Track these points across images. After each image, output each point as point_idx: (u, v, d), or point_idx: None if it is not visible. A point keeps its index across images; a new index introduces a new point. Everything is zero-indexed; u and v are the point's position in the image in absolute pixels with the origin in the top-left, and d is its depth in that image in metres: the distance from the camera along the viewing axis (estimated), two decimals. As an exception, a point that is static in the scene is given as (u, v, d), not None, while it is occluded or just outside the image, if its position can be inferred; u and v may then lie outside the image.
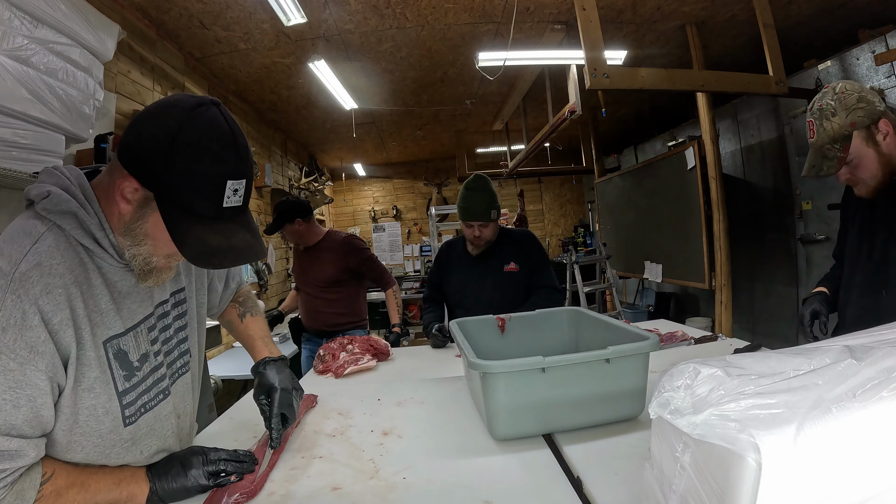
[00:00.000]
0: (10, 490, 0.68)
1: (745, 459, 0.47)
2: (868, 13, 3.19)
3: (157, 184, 0.71)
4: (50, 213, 0.73)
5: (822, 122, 1.20)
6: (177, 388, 0.94)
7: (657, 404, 0.60)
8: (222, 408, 1.41)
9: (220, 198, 0.72)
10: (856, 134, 1.16)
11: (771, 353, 0.64)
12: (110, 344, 0.78)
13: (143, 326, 0.85)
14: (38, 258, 0.69)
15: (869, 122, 1.15)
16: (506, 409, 0.99)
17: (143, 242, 0.76)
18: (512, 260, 2.07)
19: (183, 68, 3.24)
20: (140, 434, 0.84)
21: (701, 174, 3.69)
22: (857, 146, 1.17)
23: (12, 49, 1.70)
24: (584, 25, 2.42)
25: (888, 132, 1.15)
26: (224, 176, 0.71)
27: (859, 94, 1.16)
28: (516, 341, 1.46)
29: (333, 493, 0.85)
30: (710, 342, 1.72)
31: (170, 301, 0.93)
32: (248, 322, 1.22)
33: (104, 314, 0.77)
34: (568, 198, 8.40)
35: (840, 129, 1.17)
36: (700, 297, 4.88)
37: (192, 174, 0.70)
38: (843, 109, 1.17)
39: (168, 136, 0.69)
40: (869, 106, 1.15)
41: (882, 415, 0.49)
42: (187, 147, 0.69)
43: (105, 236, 0.76)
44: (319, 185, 5.59)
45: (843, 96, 1.17)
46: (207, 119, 0.72)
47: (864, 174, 1.19)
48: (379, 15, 2.99)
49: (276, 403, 1.00)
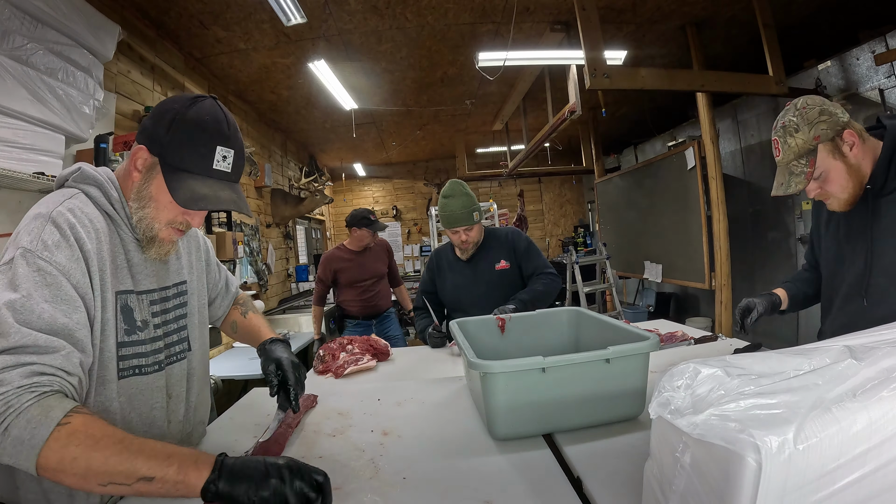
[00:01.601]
0: (37, 402, 0.66)
1: (745, 459, 0.47)
2: (868, 13, 3.19)
3: (161, 148, 0.86)
4: (79, 184, 0.88)
5: (787, 138, 1.18)
6: (172, 369, 0.99)
7: (657, 404, 0.60)
8: (222, 408, 1.41)
9: (210, 159, 0.86)
10: (821, 147, 1.15)
11: (771, 353, 0.65)
12: (121, 296, 0.88)
13: (146, 297, 0.93)
14: (72, 205, 0.82)
15: (833, 133, 1.14)
16: (506, 409, 0.99)
17: (147, 205, 0.89)
18: (502, 258, 2.10)
19: (183, 68, 3.24)
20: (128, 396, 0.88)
21: (701, 174, 3.69)
22: (823, 160, 1.15)
23: (12, 49, 1.70)
24: (584, 25, 2.42)
25: (854, 142, 1.14)
26: (214, 142, 0.87)
27: (821, 108, 1.15)
28: (516, 341, 1.46)
29: (333, 493, 0.85)
30: (710, 342, 1.72)
31: (172, 289, 1.01)
32: (251, 317, 1.29)
33: (119, 269, 0.89)
34: (568, 198, 8.40)
35: (804, 144, 1.16)
36: (700, 297, 4.88)
37: (188, 139, 0.85)
38: (806, 124, 1.15)
39: (172, 114, 0.86)
40: (831, 118, 1.14)
41: (882, 415, 0.49)
42: (186, 120, 0.85)
43: (123, 208, 0.90)
44: (319, 185, 5.59)
45: (804, 111, 1.16)
46: (205, 105, 0.88)
47: (834, 188, 1.18)
48: (379, 15, 2.99)
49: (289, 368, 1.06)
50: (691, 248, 3.89)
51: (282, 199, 5.04)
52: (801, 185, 1.18)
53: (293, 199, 5.28)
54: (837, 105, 1.16)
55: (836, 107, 1.16)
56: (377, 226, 3.20)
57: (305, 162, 6.35)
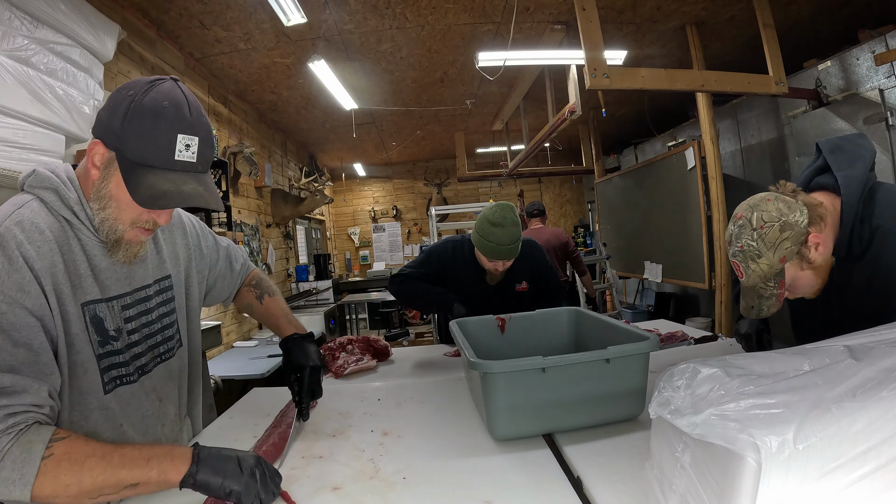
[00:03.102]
0: (16, 441, 0.66)
1: (745, 459, 0.47)
2: (868, 13, 3.19)
3: (117, 141, 0.78)
4: (33, 189, 0.81)
5: (748, 263, 1.05)
6: (158, 371, 0.97)
7: (657, 404, 0.60)
8: (222, 408, 1.41)
9: (171, 150, 0.78)
10: (787, 265, 1.04)
11: (771, 353, 0.65)
12: (87, 308, 0.82)
13: (117, 303, 0.88)
14: (20, 217, 0.76)
15: (798, 247, 1.02)
16: (506, 409, 0.99)
17: (108, 205, 0.81)
18: (524, 279, 1.94)
19: (183, 68, 3.24)
20: (120, 406, 0.87)
21: (701, 174, 3.69)
22: (791, 274, 1.06)
23: (12, 49, 1.70)
24: (584, 25, 2.42)
25: (818, 243, 1.03)
26: (175, 130, 0.77)
27: (781, 224, 1.01)
28: (516, 341, 1.46)
29: (333, 493, 0.85)
30: (710, 342, 1.72)
31: (153, 287, 0.96)
32: (268, 302, 1.24)
33: (83, 278, 0.82)
34: (568, 198, 8.40)
35: (770, 270, 1.03)
36: (700, 297, 4.88)
37: (145, 129, 0.77)
38: (769, 248, 1.02)
39: (127, 101, 0.77)
40: (793, 231, 1.01)
41: (882, 415, 0.49)
42: (142, 108, 0.76)
43: (83, 210, 0.83)
44: (319, 185, 5.59)
45: (763, 232, 1.02)
46: (163, 88, 0.79)
47: (804, 290, 1.10)
48: (379, 15, 2.99)
49: (307, 380, 1.07)
50: (691, 248, 3.89)
51: (282, 199, 5.04)
52: (775, 308, 1.09)
53: (293, 199, 5.28)
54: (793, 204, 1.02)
55: (793, 207, 1.02)
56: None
57: (305, 162, 6.35)
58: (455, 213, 6.17)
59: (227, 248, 1.22)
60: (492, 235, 1.74)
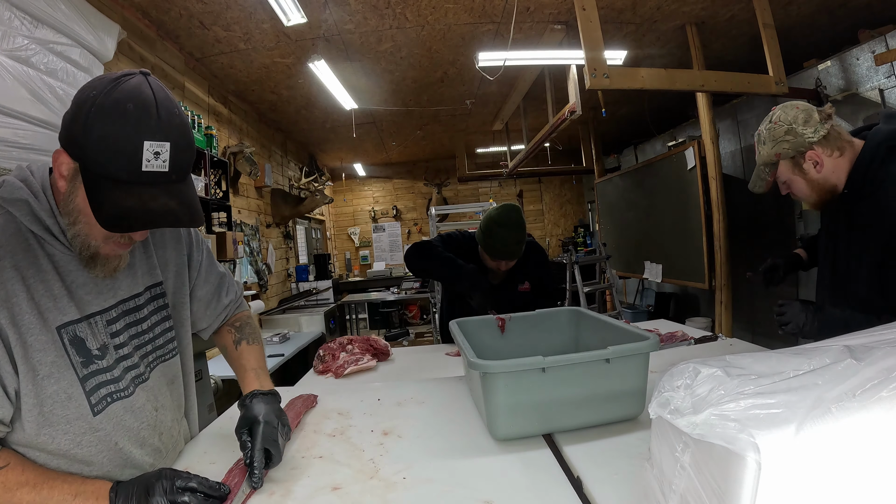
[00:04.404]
0: None
1: (745, 459, 0.47)
2: (868, 13, 3.19)
3: (80, 151, 0.70)
4: (3, 201, 0.75)
5: (758, 145, 1.28)
6: (155, 379, 0.93)
7: (657, 404, 0.60)
8: (222, 408, 1.41)
9: (137, 160, 0.68)
10: (781, 162, 1.25)
11: (771, 353, 0.65)
12: (65, 330, 0.77)
13: (101, 318, 0.83)
14: None
15: (793, 153, 1.21)
16: (506, 409, 0.99)
17: (77, 220, 0.75)
18: (527, 279, 1.99)
19: (183, 68, 3.24)
20: (112, 424, 0.83)
21: (701, 174, 3.69)
22: (783, 172, 1.26)
23: (12, 49, 1.70)
24: (584, 25, 2.42)
25: (818, 161, 1.20)
26: (141, 136, 0.68)
27: (788, 127, 1.20)
28: (516, 341, 1.46)
29: (333, 493, 0.85)
30: (710, 342, 1.72)
31: (144, 295, 0.92)
32: (243, 350, 1.12)
33: (57, 299, 0.77)
34: (568, 198, 8.40)
35: (767, 157, 1.26)
36: (700, 297, 4.88)
37: (107, 136, 0.68)
38: (771, 140, 1.24)
39: (88, 104, 0.68)
40: (796, 139, 1.19)
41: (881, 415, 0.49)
42: (104, 111, 0.68)
43: (56, 223, 0.76)
44: (319, 185, 5.59)
45: (774, 126, 1.23)
46: (129, 86, 0.69)
47: (799, 194, 1.28)
48: (379, 15, 2.99)
49: (260, 437, 0.88)
50: (691, 248, 3.89)
51: (282, 199, 5.05)
52: (761, 189, 1.32)
53: (293, 199, 5.28)
54: (813, 122, 1.19)
55: (810, 125, 1.19)
56: None
57: (305, 162, 6.35)
58: (455, 213, 6.17)
59: (222, 276, 1.13)
60: (496, 235, 1.80)
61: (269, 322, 4.21)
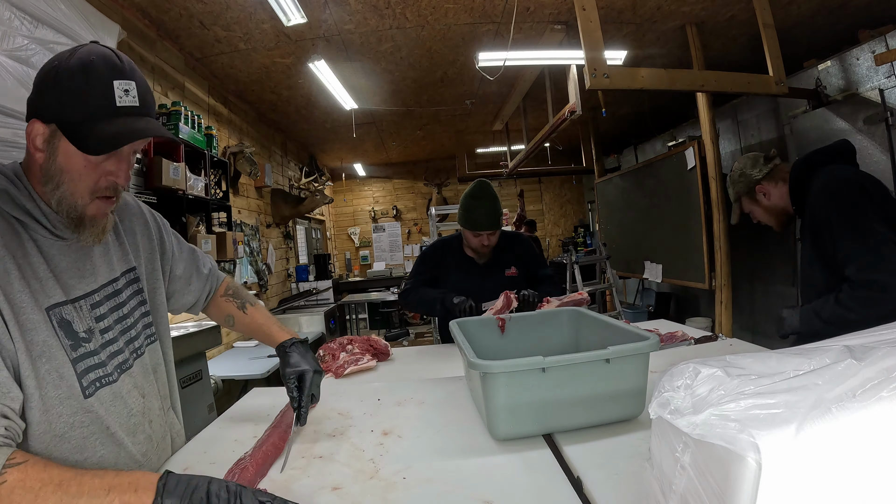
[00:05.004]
0: None
1: (745, 459, 0.47)
2: (868, 13, 3.19)
3: (55, 110, 0.76)
4: None
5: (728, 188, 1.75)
6: (138, 366, 0.94)
7: (657, 404, 0.60)
8: (222, 408, 1.41)
9: (111, 97, 0.76)
10: (743, 198, 1.70)
11: (771, 353, 0.64)
12: (53, 312, 0.79)
13: (85, 302, 0.85)
14: None
15: (747, 189, 1.66)
16: (506, 409, 0.99)
17: (62, 181, 0.78)
18: (512, 264, 2.09)
19: (183, 68, 3.24)
20: (104, 408, 0.84)
21: (701, 174, 3.69)
22: (746, 205, 1.71)
23: (12, 49, 1.70)
24: (584, 25, 2.42)
25: (767, 192, 1.63)
26: (109, 77, 0.76)
27: (741, 172, 1.67)
28: (516, 341, 1.46)
29: (333, 493, 0.85)
30: (710, 342, 1.72)
31: (121, 279, 0.94)
32: (252, 312, 1.21)
33: (43, 282, 0.79)
34: (568, 198, 8.40)
35: (733, 196, 1.74)
36: (700, 297, 4.88)
37: (78, 85, 0.75)
38: (731, 184, 1.72)
39: (53, 71, 0.76)
40: (746, 179, 1.65)
41: (882, 415, 0.49)
42: (70, 69, 0.75)
43: (36, 206, 0.79)
44: (319, 185, 5.59)
45: (732, 173, 1.70)
46: (85, 49, 0.78)
47: (761, 219, 1.71)
48: (379, 15, 2.99)
49: (308, 385, 1.05)
50: (691, 248, 3.89)
51: (282, 199, 5.05)
52: (735, 220, 1.82)
53: (293, 199, 5.28)
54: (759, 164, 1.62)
55: (756, 168, 1.62)
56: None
57: (305, 162, 6.36)
58: (455, 213, 6.16)
59: (192, 250, 1.17)
60: (473, 207, 1.95)
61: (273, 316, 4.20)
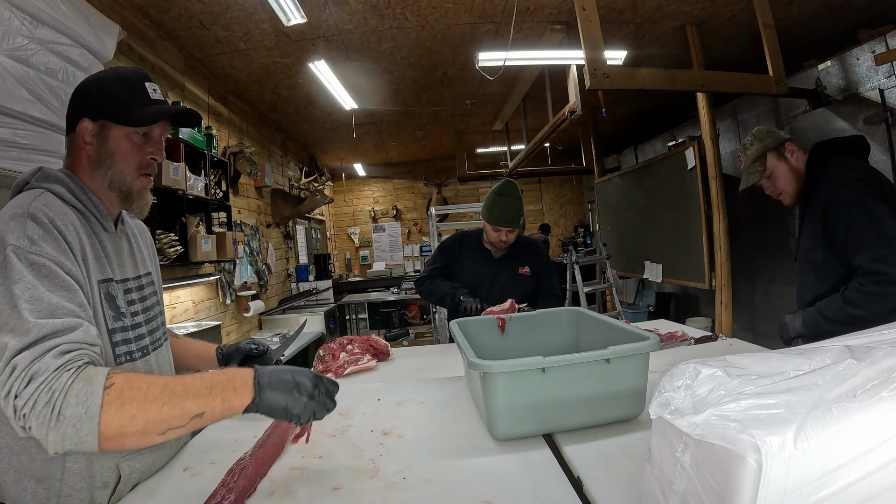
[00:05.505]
0: (77, 375, 0.68)
1: (746, 459, 0.47)
2: (868, 13, 3.19)
3: (103, 108, 0.91)
4: (41, 183, 0.88)
5: (746, 151, 1.68)
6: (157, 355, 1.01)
7: (657, 404, 0.60)
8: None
9: (145, 93, 0.94)
10: (769, 154, 1.62)
11: (771, 353, 0.64)
12: (102, 285, 0.89)
13: (122, 286, 0.95)
14: (45, 201, 0.83)
15: (776, 144, 1.61)
16: (506, 409, 0.99)
17: (112, 163, 0.92)
18: (527, 264, 2.18)
19: (183, 68, 3.24)
20: None
21: (701, 174, 3.69)
22: (771, 162, 1.62)
23: (12, 49, 1.70)
24: (584, 25, 2.42)
25: (794, 150, 1.60)
26: (141, 80, 0.95)
27: (768, 129, 1.66)
28: (516, 341, 1.46)
29: (333, 493, 0.85)
30: (710, 342, 1.72)
31: (144, 278, 1.04)
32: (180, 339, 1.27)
33: (98, 258, 0.90)
34: (568, 198, 8.40)
35: (757, 152, 1.64)
36: (700, 297, 4.88)
37: (119, 89, 0.92)
38: (758, 140, 1.66)
39: (94, 83, 0.94)
40: (776, 134, 1.63)
41: (882, 415, 0.49)
42: (108, 79, 0.94)
43: (88, 199, 0.91)
44: (319, 185, 5.59)
45: (757, 133, 1.67)
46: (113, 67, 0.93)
47: (782, 183, 1.61)
48: (379, 15, 2.99)
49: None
50: (691, 248, 3.89)
51: (282, 199, 5.04)
52: (756, 178, 1.65)
53: (293, 199, 5.28)
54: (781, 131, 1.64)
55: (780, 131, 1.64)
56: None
57: (305, 162, 6.35)
58: (455, 213, 6.17)
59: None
60: (497, 203, 2.05)
61: (269, 322, 4.21)
